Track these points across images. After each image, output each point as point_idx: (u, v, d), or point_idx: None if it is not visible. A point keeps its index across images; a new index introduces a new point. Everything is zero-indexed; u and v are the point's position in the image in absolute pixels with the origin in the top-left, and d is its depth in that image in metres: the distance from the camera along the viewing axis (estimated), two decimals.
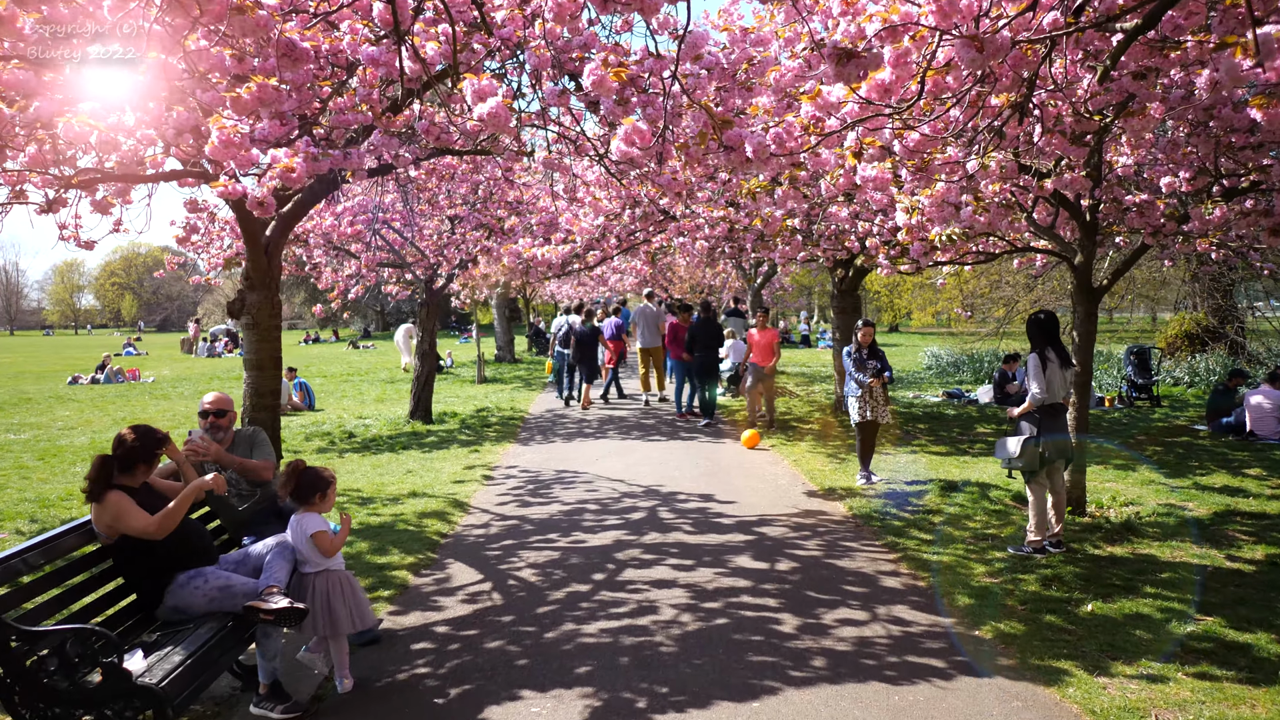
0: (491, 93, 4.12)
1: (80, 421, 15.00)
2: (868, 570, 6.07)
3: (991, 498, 8.19)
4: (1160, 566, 6.10)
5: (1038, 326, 6.51)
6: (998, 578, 5.90)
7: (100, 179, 5.97)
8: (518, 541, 6.94)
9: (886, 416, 8.90)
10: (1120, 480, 9.05)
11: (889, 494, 8.39)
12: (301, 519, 4.29)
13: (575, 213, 11.70)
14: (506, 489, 8.95)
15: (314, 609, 4.19)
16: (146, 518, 3.96)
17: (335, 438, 12.72)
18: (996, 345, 23.25)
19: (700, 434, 12.48)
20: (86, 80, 3.99)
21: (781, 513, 7.75)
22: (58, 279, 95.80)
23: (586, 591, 5.66)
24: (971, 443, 11.55)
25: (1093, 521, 7.33)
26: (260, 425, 7.40)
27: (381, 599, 5.64)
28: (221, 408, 5.06)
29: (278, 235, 7.43)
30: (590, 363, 15.88)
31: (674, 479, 9.25)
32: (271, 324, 7.48)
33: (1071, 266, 8.08)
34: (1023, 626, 4.98)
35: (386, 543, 6.90)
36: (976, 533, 7.04)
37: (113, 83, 3.88)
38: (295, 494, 4.32)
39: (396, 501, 8.37)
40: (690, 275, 26.94)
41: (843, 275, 13.50)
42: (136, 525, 3.91)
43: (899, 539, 6.84)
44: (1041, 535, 6.42)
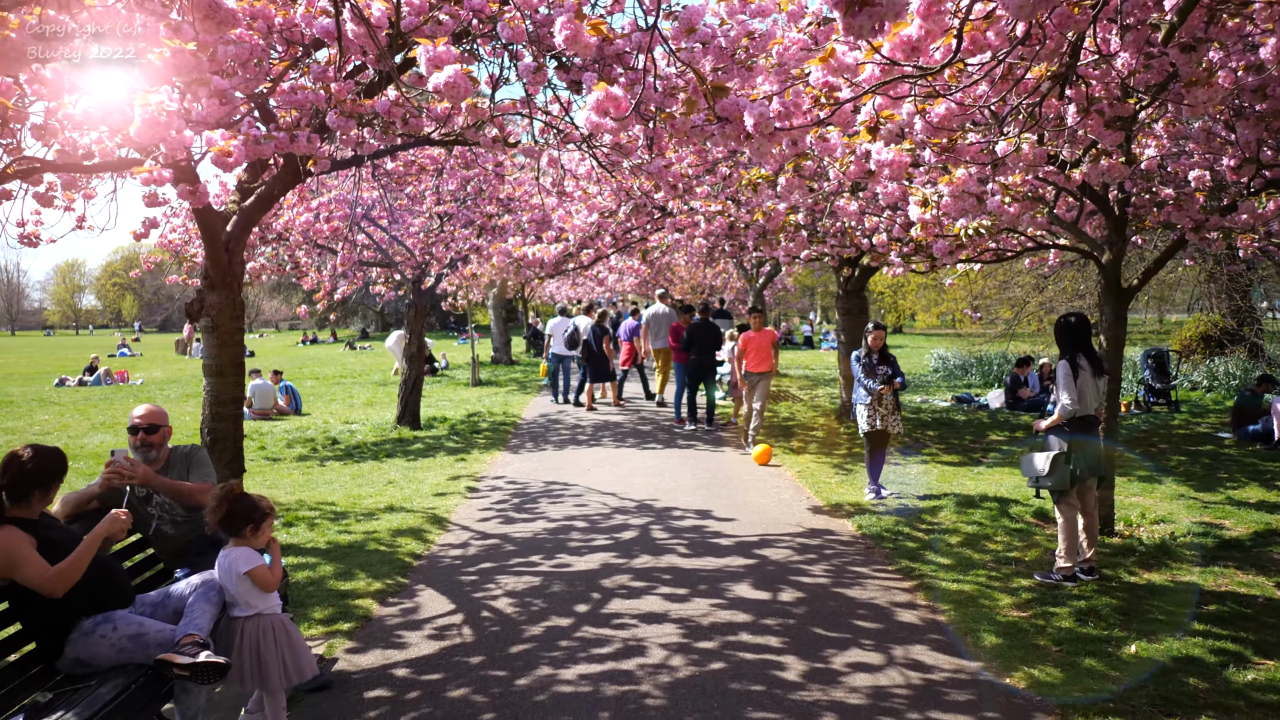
0: (449, 60, 3.54)
1: (58, 426, 14.44)
2: (881, 601, 5.47)
3: (1012, 514, 7.59)
4: (1205, 597, 5.50)
5: (1067, 330, 5.91)
6: (1026, 611, 5.31)
7: (40, 168, 5.40)
8: (497, 565, 6.35)
9: (898, 426, 8.30)
10: (1147, 494, 8.45)
11: (900, 510, 7.79)
12: (231, 554, 3.71)
13: (568, 210, 11.14)
14: (491, 503, 8.37)
15: (242, 660, 3.61)
16: (43, 568, 3.37)
17: (318, 444, 12.14)
18: (1005, 348, 22.63)
19: (699, 442, 11.89)
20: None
21: (784, 532, 7.15)
22: (59, 279, 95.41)
23: (567, 627, 5.07)
24: (985, 452, 10.95)
25: (1123, 543, 6.73)
26: (221, 435, 6.83)
27: (339, 633, 5.06)
28: (153, 422, 4.48)
29: (239, 231, 6.84)
30: (599, 363, 15.47)
31: (669, 492, 8.66)
32: (233, 326, 6.89)
33: (1099, 265, 7.48)
34: (1059, 673, 4.39)
35: (354, 565, 6.32)
36: (998, 556, 6.44)
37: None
38: (224, 523, 3.74)
39: (371, 517, 7.79)
40: (690, 275, 26.32)
41: (849, 275, 12.90)
42: (30, 576, 3.33)
43: (914, 563, 6.24)
44: (1072, 561, 5.82)
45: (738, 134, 2.85)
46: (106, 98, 3.99)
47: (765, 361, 11.06)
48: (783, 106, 2.87)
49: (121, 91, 3.93)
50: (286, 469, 10.31)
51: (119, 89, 3.97)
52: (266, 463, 10.79)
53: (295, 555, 6.58)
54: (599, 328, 15.42)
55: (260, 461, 10.86)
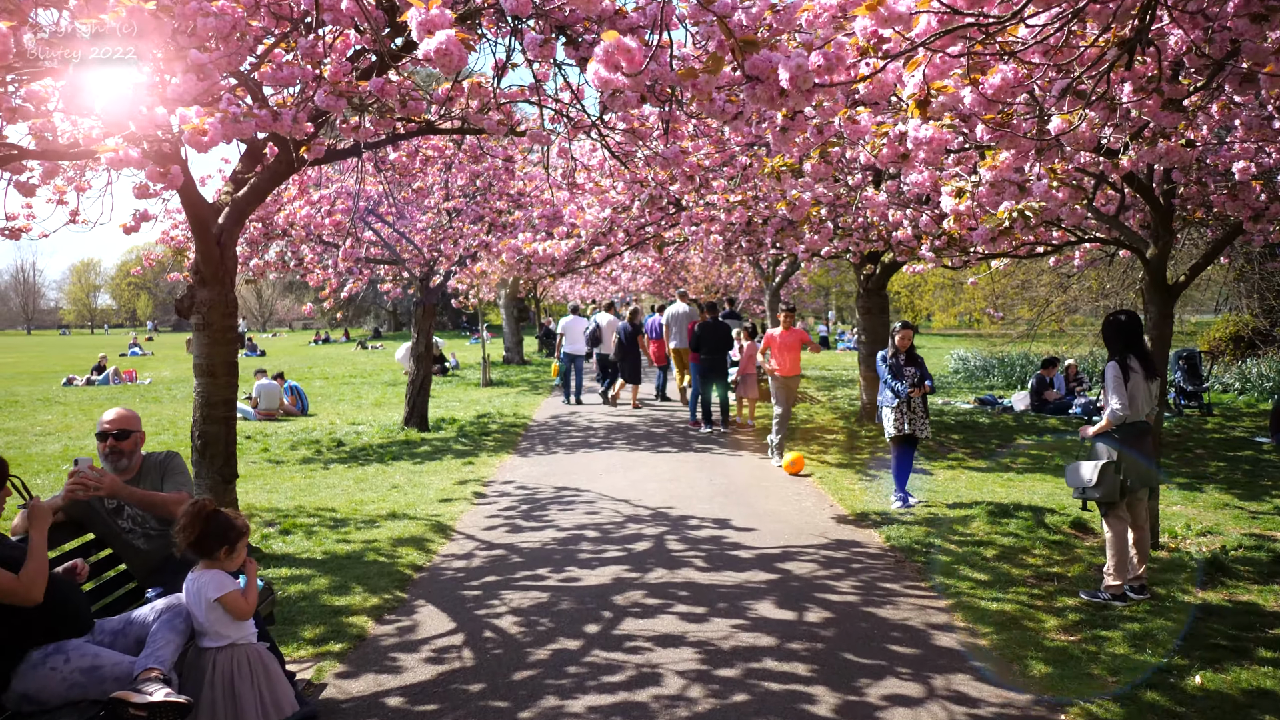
0: (443, 24, 3.15)
1: (60, 426, 14.18)
2: (915, 623, 5.05)
3: (1049, 525, 7.15)
4: (1268, 619, 5.05)
5: (1117, 329, 5.45)
6: (1075, 634, 4.87)
7: (18, 155, 5.06)
8: (502, 578, 5.96)
9: (926, 431, 7.86)
10: (1189, 503, 7.98)
11: (929, 520, 7.35)
12: (200, 578, 3.33)
13: (579, 204, 10.75)
14: (498, 510, 7.98)
15: (214, 695, 3.23)
16: (7, 576, 3.02)
17: (323, 446, 11.80)
18: (1027, 348, 22.10)
19: (715, 445, 11.47)
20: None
21: (808, 543, 6.74)
22: (75, 279, 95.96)
23: (575, 651, 4.67)
24: (1014, 456, 10.49)
25: (1171, 557, 6.28)
26: (212, 439, 6.49)
27: (330, 654, 4.68)
28: (124, 428, 4.11)
29: (231, 224, 6.49)
30: (632, 362, 15.38)
31: (685, 499, 8.25)
32: (225, 324, 6.54)
33: (1143, 260, 7.03)
34: (1120, 709, 3.96)
35: (350, 578, 5.94)
36: (1038, 571, 6.00)
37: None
38: (196, 544, 3.36)
39: (372, 524, 7.42)
40: (705, 274, 25.87)
41: (870, 272, 12.45)
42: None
43: (948, 580, 5.81)
44: (1121, 579, 5.37)
45: (770, 94, 2.45)
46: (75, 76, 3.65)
47: (793, 364, 10.08)
48: (824, 59, 2.46)
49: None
50: (289, 472, 9.97)
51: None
52: (269, 465, 10.45)
53: (289, 567, 6.22)
54: (632, 325, 15.27)
55: (262, 464, 10.53)
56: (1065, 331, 24.91)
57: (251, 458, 10.95)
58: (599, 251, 11.88)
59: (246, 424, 14.15)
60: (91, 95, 3.67)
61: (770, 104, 2.48)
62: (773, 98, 2.43)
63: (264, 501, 8.35)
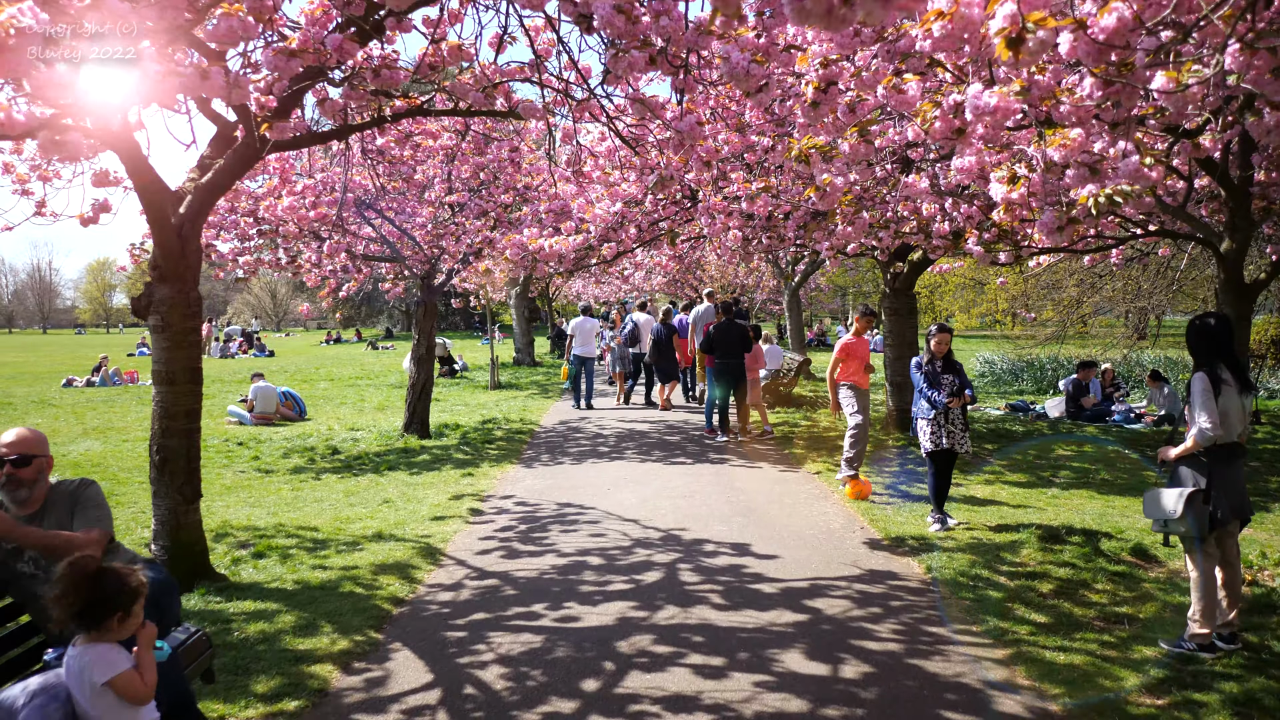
0: None
1: (48, 431, 13.58)
2: (971, 680, 4.29)
3: (1107, 552, 6.37)
4: None
5: (1207, 336, 4.67)
6: (1161, 697, 4.11)
7: None
8: (491, 615, 5.25)
9: (967, 445, 7.08)
10: (1258, 526, 7.17)
11: (973, 545, 6.59)
12: (83, 655, 2.62)
13: (589, 198, 10.05)
14: (494, 530, 7.27)
15: None
16: None
17: (317, 454, 11.14)
18: (1056, 350, 21.20)
19: (732, 455, 10.72)
20: None
21: (839, 575, 5.98)
22: (90, 278, 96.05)
23: (569, 715, 3.95)
24: (1055, 470, 9.69)
25: (1253, 593, 5.49)
26: (173, 454, 5.82)
27: (283, 716, 3.98)
28: (25, 451, 3.42)
29: (194, 213, 5.81)
30: (669, 362, 15.23)
31: (700, 519, 7.51)
32: (186, 326, 5.86)
33: (1217, 255, 6.26)
34: None
35: (321, 614, 5.25)
36: (1104, 611, 5.23)
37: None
38: (81, 616, 2.64)
39: (355, 547, 6.73)
40: (721, 273, 25.11)
41: (898, 270, 11.66)
42: None
43: (1003, 622, 5.05)
44: (1210, 626, 4.60)
45: (824, 8, 1.70)
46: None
47: (864, 374, 8.73)
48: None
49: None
50: (276, 483, 9.30)
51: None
52: (258, 475, 9.79)
53: (254, 599, 5.52)
54: (667, 326, 14.95)
55: (251, 474, 9.87)
56: (1091, 334, 23.98)
57: (240, 466, 10.30)
58: (609, 248, 11.17)
59: (241, 429, 13.54)
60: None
61: (823, 22, 1.74)
62: (825, 12, 1.70)
63: (243, 518, 7.68)
